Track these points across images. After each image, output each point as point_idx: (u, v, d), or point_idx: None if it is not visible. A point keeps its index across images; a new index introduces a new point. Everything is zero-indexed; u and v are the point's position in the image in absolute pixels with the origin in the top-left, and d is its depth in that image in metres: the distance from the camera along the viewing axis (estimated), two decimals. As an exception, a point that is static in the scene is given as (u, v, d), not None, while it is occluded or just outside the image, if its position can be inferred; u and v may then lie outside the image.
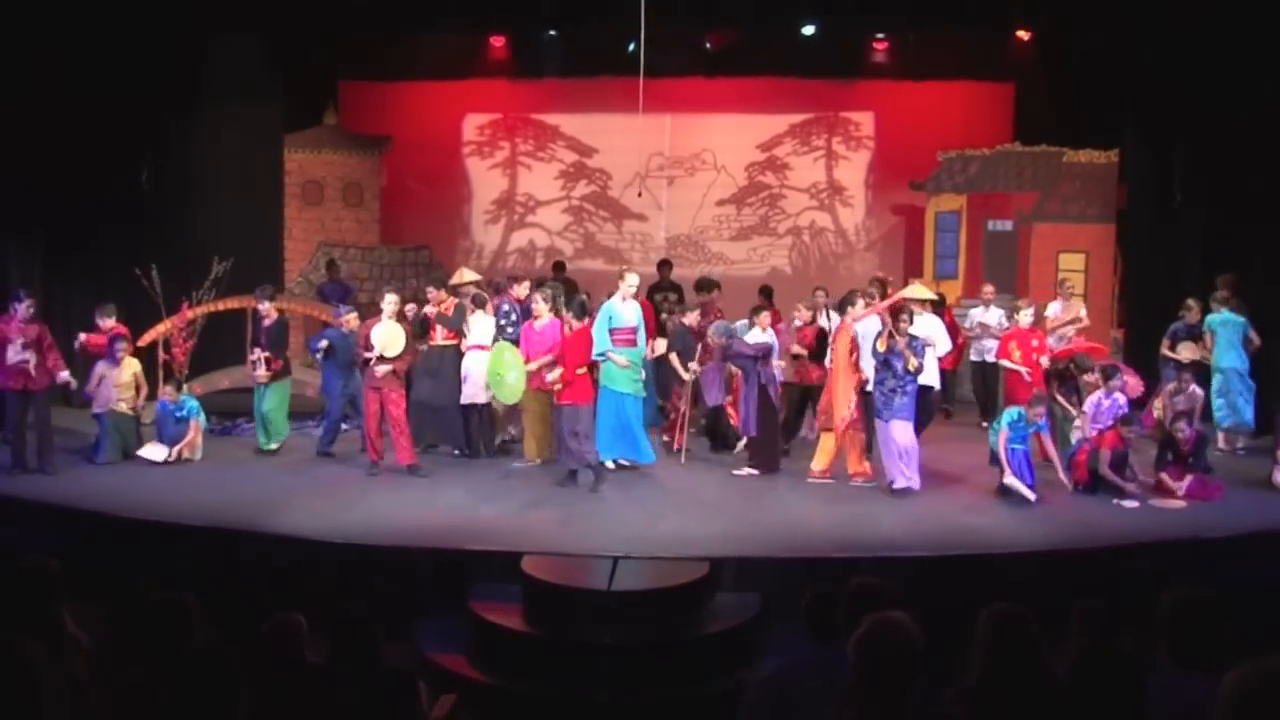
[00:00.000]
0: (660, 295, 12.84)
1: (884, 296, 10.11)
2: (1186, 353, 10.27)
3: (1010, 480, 8.52)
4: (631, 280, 9.63)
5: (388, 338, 9.22)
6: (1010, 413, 8.85)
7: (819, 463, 9.22)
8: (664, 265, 13.87)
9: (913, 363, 8.61)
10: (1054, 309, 11.57)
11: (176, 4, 11.64)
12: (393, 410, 9.21)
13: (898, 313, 8.94)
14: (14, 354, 9.00)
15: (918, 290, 10.02)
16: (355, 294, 13.35)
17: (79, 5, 10.97)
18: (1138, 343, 12.58)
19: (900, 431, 8.68)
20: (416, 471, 9.23)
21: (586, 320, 9.13)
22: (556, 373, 8.96)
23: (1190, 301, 10.45)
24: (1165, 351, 10.44)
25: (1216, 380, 10.19)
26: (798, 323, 10.11)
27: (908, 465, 8.71)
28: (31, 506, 8.34)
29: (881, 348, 8.72)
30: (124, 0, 11.23)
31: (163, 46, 11.75)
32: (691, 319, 10.47)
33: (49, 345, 9.17)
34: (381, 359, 9.15)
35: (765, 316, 9.85)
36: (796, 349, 9.92)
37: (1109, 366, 9.27)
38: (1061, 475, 8.74)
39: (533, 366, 9.22)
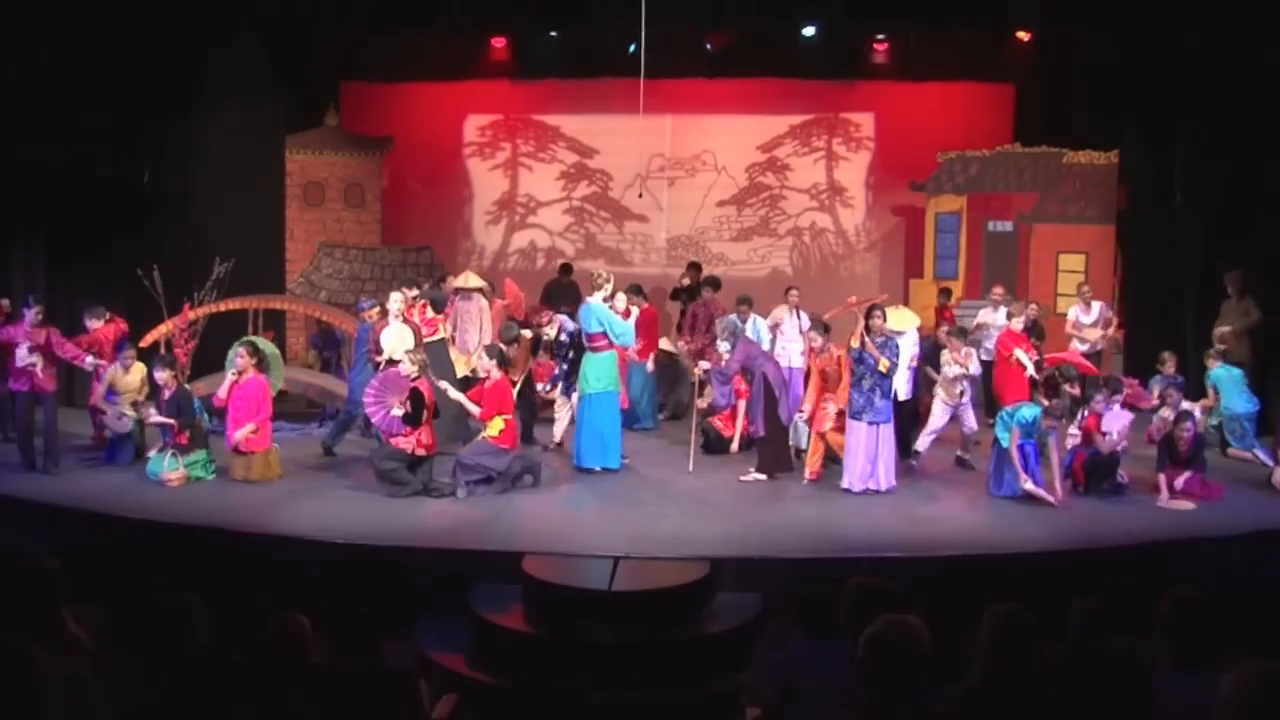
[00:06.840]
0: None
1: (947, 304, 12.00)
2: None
3: (1030, 487, 8.37)
4: (609, 283, 9.63)
5: (395, 340, 9.23)
6: (1026, 413, 8.52)
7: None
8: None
9: (883, 363, 8.59)
10: (1074, 314, 11.50)
11: (178, 6, 11.63)
12: None
13: (870, 312, 8.90)
14: (21, 358, 9.13)
15: (898, 318, 9.76)
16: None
17: (82, 7, 10.97)
18: (1137, 344, 12.56)
19: (873, 435, 8.67)
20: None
21: (504, 370, 8.83)
22: (500, 422, 8.64)
23: (1165, 355, 10.26)
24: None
25: (1229, 425, 10.01)
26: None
27: (886, 468, 8.71)
28: (32, 506, 8.34)
29: (855, 344, 8.74)
30: (126, 2, 11.23)
31: (165, 48, 11.74)
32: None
33: (58, 344, 9.19)
34: (390, 362, 9.14)
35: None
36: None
37: (1113, 379, 9.24)
38: (1057, 485, 8.49)
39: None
